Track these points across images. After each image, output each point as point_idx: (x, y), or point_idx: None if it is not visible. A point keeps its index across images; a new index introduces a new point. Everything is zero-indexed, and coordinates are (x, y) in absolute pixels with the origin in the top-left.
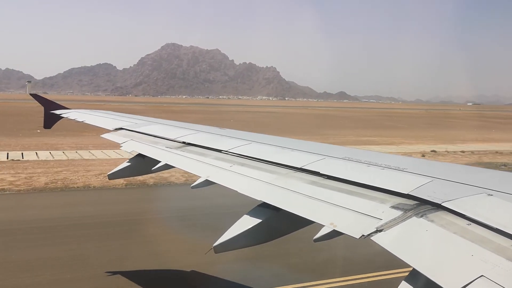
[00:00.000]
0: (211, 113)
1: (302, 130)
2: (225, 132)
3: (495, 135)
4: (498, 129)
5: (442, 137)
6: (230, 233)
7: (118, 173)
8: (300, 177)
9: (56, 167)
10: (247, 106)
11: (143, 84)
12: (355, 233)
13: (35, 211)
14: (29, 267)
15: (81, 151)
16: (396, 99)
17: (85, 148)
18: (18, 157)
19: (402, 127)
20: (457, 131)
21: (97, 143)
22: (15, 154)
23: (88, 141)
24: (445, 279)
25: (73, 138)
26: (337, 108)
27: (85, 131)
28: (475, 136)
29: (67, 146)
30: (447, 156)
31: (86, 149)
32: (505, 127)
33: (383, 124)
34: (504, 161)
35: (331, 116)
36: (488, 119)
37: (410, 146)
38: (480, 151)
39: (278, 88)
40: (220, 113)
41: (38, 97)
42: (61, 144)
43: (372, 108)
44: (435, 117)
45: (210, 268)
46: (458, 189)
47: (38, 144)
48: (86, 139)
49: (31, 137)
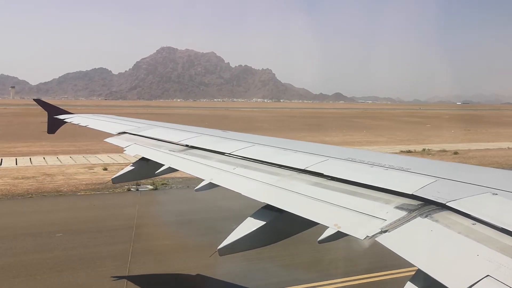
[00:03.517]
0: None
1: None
2: (227, 135)
3: (366, 136)
4: (395, 129)
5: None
6: (234, 236)
7: (122, 177)
8: (303, 179)
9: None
10: (216, 108)
11: (138, 88)
12: (360, 234)
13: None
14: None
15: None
16: (394, 100)
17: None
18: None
19: (270, 129)
20: (331, 132)
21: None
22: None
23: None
24: (451, 279)
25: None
26: (293, 108)
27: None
28: (342, 138)
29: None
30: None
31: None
32: (407, 127)
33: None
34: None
35: (251, 117)
36: (408, 119)
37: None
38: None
39: (274, 90)
40: (167, 115)
41: (41, 102)
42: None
43: (318, 108)
44: (349, 116)
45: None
46: (463, 189)
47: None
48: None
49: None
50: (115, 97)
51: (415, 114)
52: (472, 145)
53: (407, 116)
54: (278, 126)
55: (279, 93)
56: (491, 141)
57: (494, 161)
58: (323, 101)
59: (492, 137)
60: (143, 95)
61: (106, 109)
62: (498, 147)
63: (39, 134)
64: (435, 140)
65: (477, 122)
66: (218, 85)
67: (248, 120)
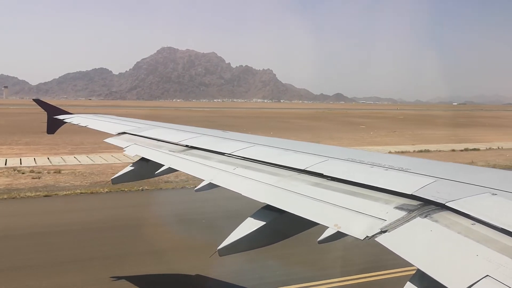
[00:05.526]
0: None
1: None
2: (227, 135)
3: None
4: (319, 129)
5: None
6: (234, 236)
7: (121, 177)
8: (303, 179)
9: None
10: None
11: (138, 89)
12: (360, 234)
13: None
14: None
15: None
16: (396, 100)
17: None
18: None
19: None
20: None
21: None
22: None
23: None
24: (450, 279)
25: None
26: (249, 108)
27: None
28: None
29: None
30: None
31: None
32: (335, 128)
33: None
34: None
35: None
36: (354, 119)
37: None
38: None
39: (275, 91)
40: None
41: (41, 102)
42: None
43: (274, 109)
44: (292, 117)
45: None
46: (462, 189)
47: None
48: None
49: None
50: (115, 97)
51: (371, 115)
52: (371, 148)
53: (358, 117)
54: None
55: (280, 93)
56: (398, 144)
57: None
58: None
59: (405, 140)
60: (142, 95)
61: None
62: (398, 150)
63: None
64: (331, 142)
65: (422, 124)
66: (219, 85)
67: (169, 119)
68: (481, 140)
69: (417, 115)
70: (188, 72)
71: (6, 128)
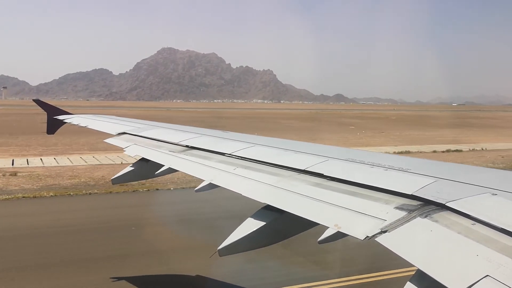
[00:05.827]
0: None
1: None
2: (227, 135)
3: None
4: (305, 130)
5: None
6: (234, 236)
7: (121, 177)
8: (303, 179)
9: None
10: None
11: (138, 89)
12: (360, 234)
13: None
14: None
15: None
16: (396, 101)
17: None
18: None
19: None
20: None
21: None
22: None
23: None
24: (450, 279)
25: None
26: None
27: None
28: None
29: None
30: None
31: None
32: (324, 128)
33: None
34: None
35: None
36: (347, 120)
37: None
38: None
39: (275, 91)
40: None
41: (40, 102)
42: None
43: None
44: (276, 117)
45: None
46: (462, 189)
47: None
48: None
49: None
50: (115, 98)
51: (365, 115)
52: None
53: (351, 118)
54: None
55: (280, 94)
56: (381, 145)
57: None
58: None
59: (390, 141)
60: (143, 96)
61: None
62: (379, 150)
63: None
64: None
65: (413, 125)
66: (219, 86)
67: (158, 120)
68: (468, 141)
69: (411, 116)
70: (188, 72)
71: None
